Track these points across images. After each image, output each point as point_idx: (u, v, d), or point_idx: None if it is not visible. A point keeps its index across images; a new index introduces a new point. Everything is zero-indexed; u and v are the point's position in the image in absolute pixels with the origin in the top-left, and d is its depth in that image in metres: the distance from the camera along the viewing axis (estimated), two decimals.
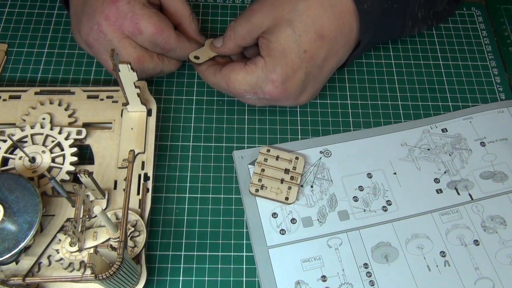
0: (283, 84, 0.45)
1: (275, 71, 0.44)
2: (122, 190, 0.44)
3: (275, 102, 0.48)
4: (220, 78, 0.47)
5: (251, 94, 0.46)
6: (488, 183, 0.48)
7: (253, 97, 0.47)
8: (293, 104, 0.49)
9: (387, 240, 0.45)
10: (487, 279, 0.43)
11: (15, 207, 0.38)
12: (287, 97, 0.46)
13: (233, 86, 0.46)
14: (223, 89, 0.48)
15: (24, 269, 0.39)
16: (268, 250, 0.44)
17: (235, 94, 0.48)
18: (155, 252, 0.44)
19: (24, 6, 0.57)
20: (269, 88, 0.45)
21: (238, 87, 0.46)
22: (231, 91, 0.47)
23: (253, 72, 0.45)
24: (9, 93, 0.48)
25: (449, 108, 0.53)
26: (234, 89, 0.46)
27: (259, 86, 0.45)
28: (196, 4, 0.59)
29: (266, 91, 0.45)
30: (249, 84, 0.45)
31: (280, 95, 0.46)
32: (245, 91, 0.46)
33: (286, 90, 0.46)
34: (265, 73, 0.45)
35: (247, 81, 0.45)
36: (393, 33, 0.54)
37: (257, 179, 0.47)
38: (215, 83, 0.48)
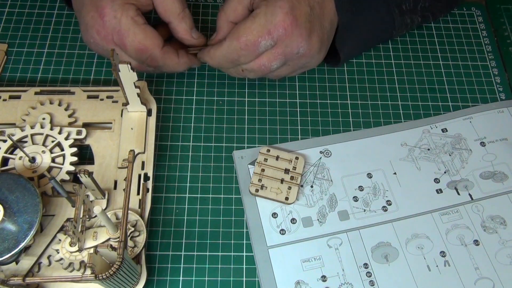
0: (291, 10, 0.44)
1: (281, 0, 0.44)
2: (122, 190, 0.44)
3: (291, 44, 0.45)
4: (228, 41, 0.45)
5: (266, 38, 0.44)
6: (488, 183, 0.48)
7: (269, 41, 0.44)
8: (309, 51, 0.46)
9: (387, 240, 0.45)
10: (487, 279, 0.43)
11: (15, 207, 0.38)
12: (299, 30, 0.44)
13: (245, 37, 0.44)
14: (237, 51, 0.45)
15: (24, 269, 0.39)
16: (268, 250, 0.44)
17: (251, 48, 0.45)
18: (155, 252, 0.44)
19: (24, 6, 0.57)
20: (280, 17, 0.44)
21: (250, 33, 0.44)
22: (245, 46, 0.45)
23: (258, 13, 0.44)
24: (9, 93, 0.48)
25: (449, 108, 0.53)
26: (247, 39, 0.44)
27: (269, 21, 0.44)
28: (196, 4, 0.59)
29: (278, 22, 0.44)
30: (259, 24, 0.44)
31: (292, 24, 0.44)
32: (259, 35, 0.44)
33: (296, 19, 0.44)
34: (271, 6, 0.44)
35: (255, 22, 0.44)
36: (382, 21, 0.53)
37: (257, 179, 0.47)
38: (225, 53, 0.46)
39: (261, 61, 0.46)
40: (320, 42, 0.47)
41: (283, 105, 0.52)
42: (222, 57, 0.46)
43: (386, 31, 0.55)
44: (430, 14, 0.56)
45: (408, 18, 0.54)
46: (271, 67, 0.47)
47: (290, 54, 0.46)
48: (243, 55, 0.45)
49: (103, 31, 0.45)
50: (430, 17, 0.56)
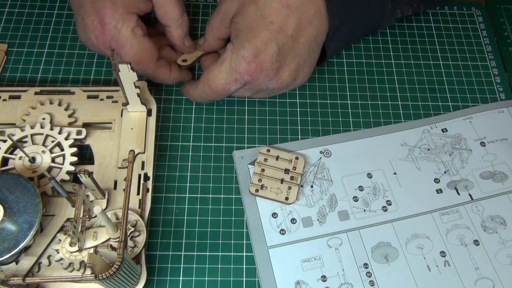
0: (255, 58, 0.44)
1: (244, 47, 0.44)
2: (122, 190, 0.44)
3: (259, 85, 0.47)
4: (201, 85, 0.48)
5: (234, 84, 0.46)
6: (488, 183, 0.48)
7: (237, 86, 0.46)
8: (280, 85, 0.47)
9: (387, 240, 0.45)
10: (487, 279, 0.43)
11: (15, 207, 0.38)
12: (265, 73, 0.45)
13: (214, 84, 0.46)
14: (210, 95, 0.48)
15: (24, 269, 0.39)
16: (268, 250, 0.44)
17: (221, 92, 0.47)
18: (155, 252, 0.44)
19: (24, 6, 0.57)
20: (243, 67, 0.45)
21: (219, 81, 0.46)
22: (216, 91, 0.47)
23: (224, 59, 0.45)
24: (9, 93, 0.48)
25: (449, 108, 0.53)
26: (217, 86, 0.46)
27: (234, 69, 0.45)
28: (196, 4, 0.59)
29: (242, 71, 0.45)
30: (225, 72, 0.45)
31: (256, 71, 0.45)
32: (227, 83, 0.46)
33: (261, 65, 0.45)
34: (235, 53, 0.45)
35: (222, 70, 0.46)
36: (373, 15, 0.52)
37: (257, 179, 0.47)
38: (201, 95, 0.48)
39: (235, 95, 0.50)
40: (292, 74, 0.47)
41: (283, 105, 0.52)
42: (199, 97, 0.49)
43: (374, 24, 0.54)
44: (422, 5, 0.55)
45: (400, 12, 0.53)
46: (245, 96, 0.51)
47: (260, 89, 0.49)
48: (216, 97, 0.49)
49: (102, 37, 0.46)
50: (421, 7, 0.55)
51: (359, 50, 0.57)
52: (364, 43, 0.57)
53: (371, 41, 0.57)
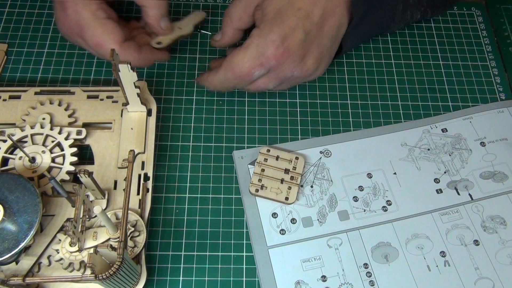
0: (283, 42, 0.44)
1: (272, 31, 0.44)
2: (122, 190, 0.44)
3: (283, 71, 0.46)
4: (223, 71, 0.46)
5: (258, 69, 0.45)
6: (488, 183, 0.48)
7: (262, 71, 0.46)
8: (304, 73, 0.47)
9: (387, 240, 0.45)
10: (487, 279, 0.43)
11: (15, 207, 0.38)
12: (292, 58, 0.45)
13: (238, 69, 0.45)
14: (231, 80, 0.47)
15: (24, 269, 0.39)
16: (268, 250, 0.44)
17: (244, 77, 0.46)
18: (155, 252, 0.44)
19: (24, 6, 0.57)
20: (271, 51, 0.44)
21: (243, 66, 0.45)
22: (239, 76, 0.46)
23: (250, 44, 0.45)
24: (9, 93, 0.48)
25: (449, 108, 0.53)
26: (240, 70, 0.45)
27: (261, 53, 0.45)
28: (196, 4, 0.59)
29: (269, 55, 0.45)
30: (251, 56, 0.45)
31: (283, 55, 0.45)
32: (251, 67, 0.45)
33: (288, 50, 0.45)
34: (262, 37, 0.45)
35: (248, 55, 0.45)
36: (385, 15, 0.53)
37: (257, 179, 0.47)
38: (222, 81, 0.47)
39: (257, 84, 0.48)
40: (316, 62, 0.48)
41: (283, 105, 0.52)
42: (219, 84, 0.48)
43: (385, 24, 0.55)
44: (430, 11, 0.56)
45: (409, 14, 0.54)
46: (268, 88, 0.49)
47: (284, 78, 0.48)
48: (238, 83, 0.47)
49: (66, 23, 0.46)
50: (429, 13, 0.56)
51: (359, 50, 0.57)
52: (364, 43, 0.57)
53: (371, 41, 0.57)
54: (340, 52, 0.52)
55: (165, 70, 0.54)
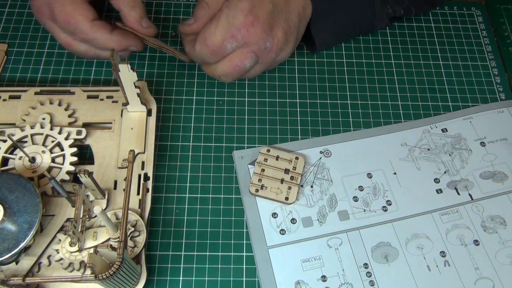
0: (251, 11, 0.45)
1: (241, 1, 0.45)
2: (122, 190, 0.44)
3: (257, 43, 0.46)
4: (198, 45, 0.47)
5: (230, 40, 0.46)
6: (488, 183, 0.48)
7: (234, 43, 0.46)
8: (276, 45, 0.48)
9: (387, 240, 0.45)
10: (487, 279, 0.43)
11: (15, 207, 0.38)
12: (262, 27, 0.46)
13: (211, 42, 0.46)
14: (207, 55, 0.47)
15: (24, 269, 0.39)
16: (268, 250, 0.44)
17: (217, 50, 0.46)
18: (155, 252, 0.44)
19: (24, 6, 0.57)
20: (240, 20, 0.45)
21: (215, 39, 0.46)
22: (212, 49, 0.46)
23: (220, 16, 0.46)
24: (9, 93, 0.48)
25: (449, 108, 0.53)
26: (213, 44, 0.46)
27: (231, 24, 0.45)
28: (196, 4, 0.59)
29: (239, 24, 0.45)
30: (222, 28, 0.46)
31: (253, 23, 0.45)
32: (224, 40, 0.46)
33: (257, 17, 0.46)
34: (232, 9, 0.45)
35: (219, 26, 0.46)
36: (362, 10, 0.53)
37: (257, 179, 0.47)
38: (199, 56, 0.48)
39: (234, 63, 0.48)
40: (285, 34, 0.48)
41: (283, 105, 0.52)
42: (196, 57, 0.49)
43: (366, 21, 0.55)
44: (414, 8, 0.56)
45: (390, 8, 0.54)
46: (245, 67, 0.48)
47: (259, 51, 0.48)
48: (212, 57, 0.48)
49: (37, 3, 0.46)
50: (413, 10, 0.56)
51: (359, 50, 0.57)
52: (364, 43, 0.57)
53: (371, 41, 0.57)
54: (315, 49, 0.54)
55: (165, 70, 0.54)
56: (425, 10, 0.59)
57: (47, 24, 0.48)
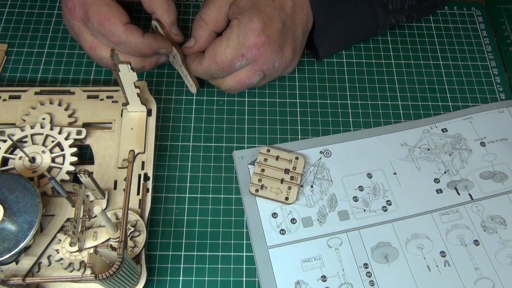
0: (263, 31, 0.45)
1: (252, 21, 0.45)
2: (122, 190, 0.44)
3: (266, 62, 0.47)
4: (206, 62, 0.47)
5: (240, 60, 0.46)
6: (488, 183, 0.48)
7: (243, 62, 0.46)
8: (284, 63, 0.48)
9: (387, 240, 0.45)
10: (487, 279, 0.43)
11: (15, 207, 0.38)
12: (273, 48, 0.46)
13: (220, 60, 0.46)
14: (215, 71, 0.47)
15: (24, 269, 0.39)
16: (268, 250, 0.44)
17: (226, 68, 0.47)
18: (155, 252, 0.44)
19: (24, 6, 0.57)
20: (252, 40, 0.45)
21: (225, 57, 0.46)
22: (222, 67, 0.46)
23: (231, 34, 0.46)
24: (9, 93, 0.48)
25: (449, 108, 0.53)
26: (223, 62, 0.46)
27: (242, 44, 0.45)
28: (196, 4, 0.59)
29: (252, 44, 0.45)
30: (232, 47, 0.45)
31: (264, 44, 0.45)
32: (233, 58, 0.46)
33: (269, 38, 0.45)
34: (243, 28, 0.45)
35: (230, 45, 0.45)
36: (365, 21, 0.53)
37: (257, 179, 0.47)
38: (206, 71, 0.48)
39: (241, 79, 0.48)
40: (293, 52, 0.49)
41: (283, 105, 0.52)
42: (202, 73, 0.49)
43: (369, 29, 0.55)
44: (415, 14, 0.56)
45: (393, 18, 0.54)
46: (252, 83, 0.49)
47: (268, 70, 0.48)
48: (221, 73, 0.48)
49: (70, 3, 0.46)
50: (415, 17, 0.56)
51: (359, 50, 0.57)
52: (364, 43, 0.57)
53: (371, 41, 0.57)
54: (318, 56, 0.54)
55: (165, 70, 0.54)
56: (426, 14, 0.59)
57: (75, 26, 0.47)
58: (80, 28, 0.47)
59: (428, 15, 0.59)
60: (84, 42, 0.48)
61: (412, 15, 0.56)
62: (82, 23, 0.47)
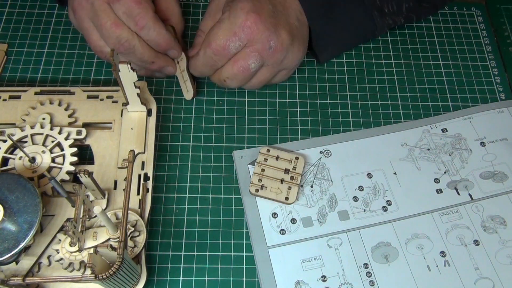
0: (252, 9, 0.46)
1: (241, 2, 0.46)
2: (122, 190, 0.44)
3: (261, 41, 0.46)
4: (202, 50, 0.47)
5: (234, 40, 0.46)
6: (488, 183, 0.48)
7: (237, 43, 0.46)
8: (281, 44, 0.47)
9: (387, 240, 0.45)
10: (487, 279, 0.43)
11: (15, 207, 0.38)
12: (264, 25, 0.46)
13: (214, 43, 0.46)
14: (212, 57, 0.47)
15: (24, 269, 0.39)
16: (268, 250, 0.44)
17: (222, 51, 0.46)
18: (155, 252, 0.44)
19: (24, 6, 0.57)
20: (242, 18, 0.45)
21: (218, 39, 0.46)
22: (216, 50, 0.46)
23: (223, 18, 0.46)
24: (9, 93, 0.48)
25: (449, 108, 0.53)
26: (217, 44, 0.46)
27: (233, 23, 0.46)
28: (196, 4, 0.59)
29: (241, 22, 0.45)
30: (224, 28, 0.46)
31: (255, 21, 0.45)
32: (227, 39, 0.46)
33: (259, 15, 0.46)
34: (233, 10, 0.46)
35: (221, 27, 0.46)
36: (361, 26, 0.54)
37: (257, 179, 0.47)
38: (204, 61, 0.48)
39: (238, 63, 0.47)
40: (289, 35, 0.47)
41: (283, 105, 0.52)
42: (200, 65, 0.49)
43: (368, 32, 0.55)
44: (414, 15, 0.56)
45: (390, 19, 0.55)
46: (250, 68, 0.47)
47: (263, 50, 0.46)
48: (217, 59, 0.47)
49: None
50: (414, 18, 0.57)
51: (359, 51, 0.57)
52: (364, 43, 0.57)
53: (371, 42, 0.57)
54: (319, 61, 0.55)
55: None
56: (427, 15, 0.59)
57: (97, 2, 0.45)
58: (103, 5, 0.45)
59: (428, 16, 0.59)
60: (105, 19, 0.45)
61: (411, 16, 0.56)
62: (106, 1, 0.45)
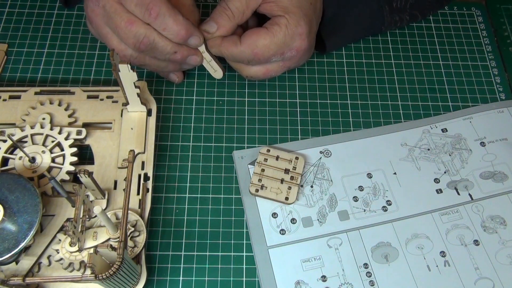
0: (308, 36, 0.47)
1: (300, 25, 0.46)
2: (122, 190, 0.44)
3: (298, 59, 0.49)
4: (244, 48, 0.46)
5: (277, 56, 0.47)
6: (488, 183, 0.48)
7: (279, 58, 0.48)
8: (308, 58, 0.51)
9: (387, 240, 0.45)
10: (487, 279, 0.43)
11: (15, 207, 0.38)
12: (309, 52, 0.49)
13: (261, 52, 0.46)
14: (248, 59, 0.47)
15: (24, 269, 0.39)
16: (268, 250, 0.44)
17: (263, 61, 0.47)
18: (155, 252, 0.44)
19: (24, 6, 0.57)
20: (297, 43, 0.47)
21: (267, 52, 0.46)
22: (258, 59, 0.47)
23: (278, 33, 0.46)
24: (9, 93, 0.48)
25: (449, 108, 0.53)
26: (262, 55, 0.46)
27: (287, 44, 0.46)
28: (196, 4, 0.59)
29: (295, 47, 0.47)
30: (277, 45, 0.46)
31: (306, 47, 0.48)
32: (273, 55, 0.47)
33: (310, 42, 0.48)
34: (290, 29, 0.46)
35: (274, 42, 0.46)
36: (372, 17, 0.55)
37: (257, 179, 0.47)
38: (237, 54, 0.47)
39: (269, 71, 0.49)
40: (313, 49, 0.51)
41: (283, 105, 0.52)
42: (234, 55, 0.47)
43: (376, 26, 0.56)
44: (419, 13, 0.57)
45: (397, 16, 0.55)
46: (275, 76, 0.51)
47: (294, 67, 0.51)
48: (253, 62, 0.48)
49: None
50: (418, 16, 0.57)
51: (359, 50, 0.57)
52: (364, 43, 0.57)
53: (371, 41, 0.57)
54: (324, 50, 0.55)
55: None
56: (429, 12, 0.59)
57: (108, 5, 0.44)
58: (114, 6, 0.43)
59: (430, 14, 0.59)
60: (119, 20, 0.43)
61: (415, 14, 0.56)
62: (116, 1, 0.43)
